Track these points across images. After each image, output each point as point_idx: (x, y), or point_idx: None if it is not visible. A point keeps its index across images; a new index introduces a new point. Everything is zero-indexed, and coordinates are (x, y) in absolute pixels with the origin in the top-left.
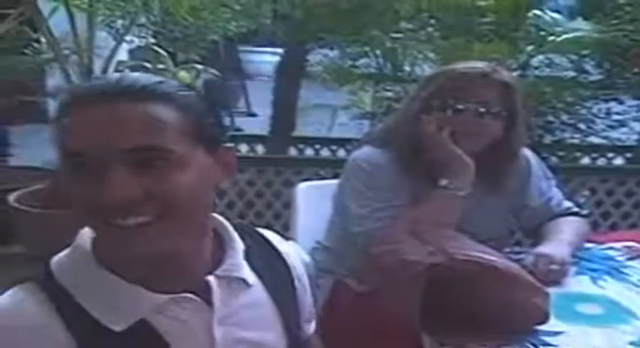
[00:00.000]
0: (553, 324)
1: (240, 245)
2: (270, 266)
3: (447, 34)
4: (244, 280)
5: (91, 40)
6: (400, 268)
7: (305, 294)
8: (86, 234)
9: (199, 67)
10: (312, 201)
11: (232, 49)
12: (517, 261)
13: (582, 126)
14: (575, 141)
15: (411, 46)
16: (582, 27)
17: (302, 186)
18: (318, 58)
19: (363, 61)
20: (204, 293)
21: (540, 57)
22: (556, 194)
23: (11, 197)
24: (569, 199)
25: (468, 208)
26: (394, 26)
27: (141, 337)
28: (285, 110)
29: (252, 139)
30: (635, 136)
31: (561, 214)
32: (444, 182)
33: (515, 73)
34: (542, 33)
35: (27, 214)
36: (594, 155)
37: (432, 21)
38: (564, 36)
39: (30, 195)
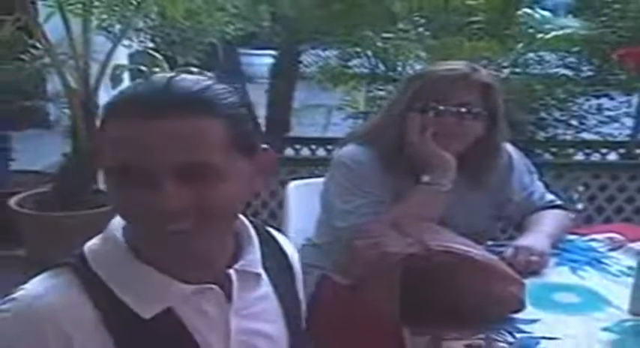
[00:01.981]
0: (530, 312)
1: (256, 242)
2: (276, 263)
3: (437, 33)
4: (258, 275)
5: (86, 44)
6: (379, 260)
7: (301, 291)
8: (117, 224)
9: (195, 70)
10: (304, 199)
11: (232, 51)
12: (498, 253)
13: (574, 122)
14: (568, 137)
15: (402, 46)
16: (571, 24)
17: (293, 184)
18: (312, 59)
19: (355, 61)
20: (224, 285)
21: (531, 55)
22: (539, 188)
23: (12, 201)
24: (554, 193)
25: (452, 203)
26: (386, 26)
27: (167, 325)
28: (279, 111)
29: None
30: (627, 131)
31: (544, 207)
32: (426, 178)
33: (506, 71)
34: (532, 31)
35: (28, 217)
36: (588, 151)
37: (423, 21)
38: (553, 33)
39: (31, 198)
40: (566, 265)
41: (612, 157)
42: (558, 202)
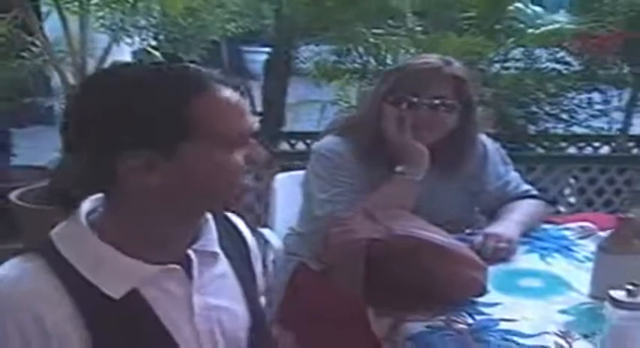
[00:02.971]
0: (493, 296)
1: (212, 223)
2: (234, 245)
3: (428, 29)
4: (215, 254)
5: (83, 41)
6: (345, 245)
7: (259, 272)
8: (81, 210)
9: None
10: (289, 190)
11: (235, 49)
12: (470, 241)
13: (565, 116)
14: (559, 131)
15: (392, 42)
16: (562, 19)
17: (280, 176)
18: (307, 55)
19: (348, 57)
20: (184, 265)
21: (521, 49)
22: (514, 178)
23: (13, 195)
24: (530, 183)
25: (427, 193)
26: (377, 23)
27: (134, 307)
28: (274, 106)
29: None
30: (618, 126)
31: (519, 196)
32: (400, 169)
33: (497, 66)
34: (522, 26)
35: (28, 210)
36: (580, 145)
37: (414, 16)
38: (543, 28)
39: (31, 193)
40: (537, 252)
41: (604, 150)
42: (533, 192)
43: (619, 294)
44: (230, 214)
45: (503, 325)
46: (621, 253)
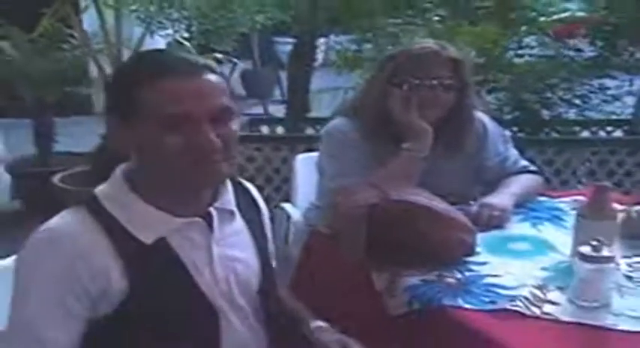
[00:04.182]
0: (483, 257)
1: (230, 187)
2: (248, 207)
3: (445, 18)
4: (232, 212)
5: (119, 33)
6: (350, 210)
7: (269, 232)
8: (120, 173)
9: (219, 56)
10: (308, 169)
11: (267, 40)
12: (467, 210)
13: (578, 101)
14: (572, 116)
15: (410, 31)
16: (574, 7)
17: (300, 157)
18: (329, 45)
19: (368, 46)
20: (207, 220)
21: (535, 37)
22: (512, 154)
23: (55, 178)
24: (530, 161)
25: (431, 168)
26: (396, 13)
27: (162, 252)
28: (299, 94)
29: (271, 121)
30: (629, 110)
31: (517, 171)
32: (405, 145)
33: (511, 53)
34: (534, 14)
35: (68, 192)
36: (593, 129)
37: (430, 6)
38: (555, 16)
39: (71, 176)
40: (529, 220)
41: (618, 134)
42: (531, 168)
43: (585, 249)
44: (243, 181)
45: (488, 280)
46: (596, 218)
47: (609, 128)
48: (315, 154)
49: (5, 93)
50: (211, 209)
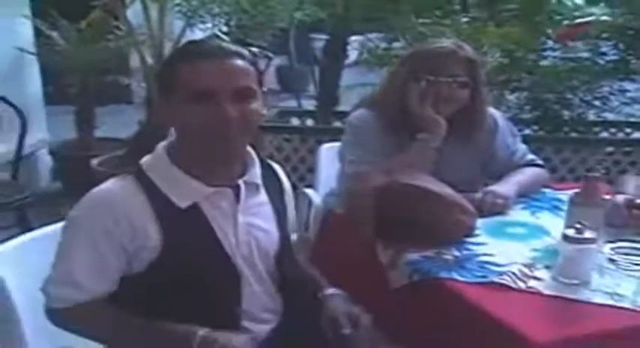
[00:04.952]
0: (481, 238)
1: (257, 163)
2: (272, 183)
3: (472, 19)
4: (258, 186)
5: (161, 26)
6: (361, 191)
7: (291, 207)
8: (161, 146)
9: (254, 50)
10: (332, 158)
11: (304, 36)
12: (471, 197)
13: (597, 103)
14: (591, 117)
15: (438, 31)
16: (599, 12)
17: (325, 146)
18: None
19: (397, 44)
20: (234, 191)
21: None
22: (521, 149)
23: (94, 162)
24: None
25: (444, 158)
26: (425, 13)
27: (195, 216)
28: (329, 88)
29: (301, 114)
30: None
31: (524, 164)
32: (420, 136)
33: (534, 54)
34: (560, 17)
35: (105, 175)
36: (612, 130)
37: (459, 7)
38: (579, 20)
39: (108, 160)
40: (529, 209)
41: (636, 135)
42: (537, 162)
43: (569, 231)
44: (269, 161)
45: (482, 258)
46: (585, 205)
47: (628, 130)
48: (337, 143)
49: (52, 80)
50: (240, 182)
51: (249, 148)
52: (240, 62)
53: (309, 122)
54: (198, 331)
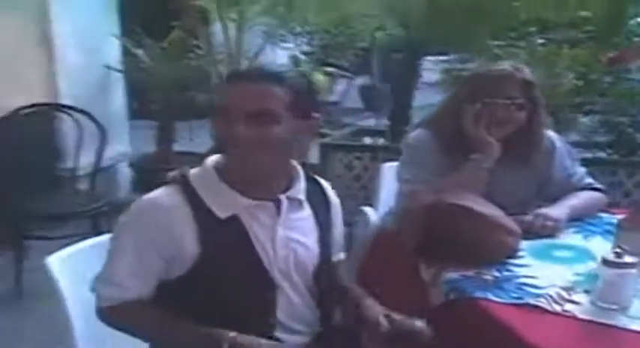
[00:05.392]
0: (525, 260)
1: (303, 180)
2: (317, 198)
3: (547, 41)
4: (301, 202)
5: (239, 45)
6: (410, 209)
7: (337, 226)
8: (210, 160)
9: (332, 70)
10: (392, 177)
11: (386, 56)
12: (521, 219)
13: None
14: None
15: (512, 53)
16: None
17: (385, 165)
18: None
19: (471, 66)
20: (277, 205)
21: None
22: (579, 172)
23: (170, 174)
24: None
25: (497, 179)
26: (501, 36)
27: (234, 227)
28: (402, 108)
29: (374, 133)
30: None
31: (581, 188)
32: (473, 157)
33: (610, 77)
34: (638, 38)
35: None
36: None
37: (534, 29)
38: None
39: None
40: (582, 233)
41: None
42: (596, 186)
43: (609, 255)
44: (318, 178)
45: (522, 280)
46: (631, 229)
47: None
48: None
49: (138, 97)
50: (282, 196)
51: (295, 165)
52: (266, 86)
53: (381, 141)
54: (229, 333)
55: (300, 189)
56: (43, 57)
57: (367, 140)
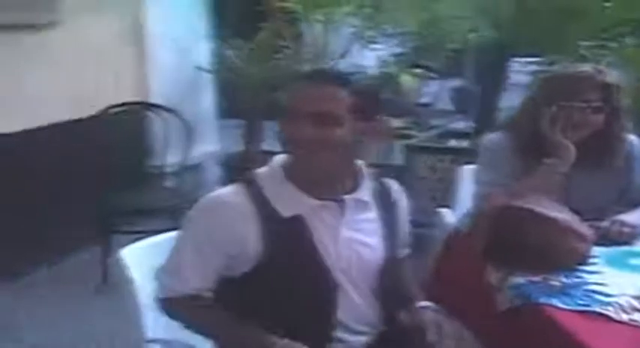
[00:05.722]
0: (598, 267)
1: (368, 182)
2: (385, 200)
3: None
4: (366, 203)
5: (325, 46)
6: (484, 212)
7: (403, 224)
8: (277, 159)
9: (419, 71)
10: (470, 179)
11: (478, 58)
12: (597, 226)
13: None
14: None
15: (600, 54)
16: None
17: (464, 168)
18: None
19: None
20: (342, 206)
21: None
22: None
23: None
24: None
25: (573, 183)
26: (590, 37)
27: (297, 227)
28: (488, 110)
29: (460, 135)
30: None
31: None
32: (547, 161)
33: None
34: None
35: None
36: None
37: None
38: None
39: None
40: None
41: None
42: None
43: None
44: (385, 179)
45: (591, 287)
46: None
47: None
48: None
49: (226, 96)
50: (347, 197)
51: (361, 166)
52: (328, 88)
53: (465, 143)
54: (279, 340)
55: (365, 190)
56: (136, 57)
57: (452, 142)
